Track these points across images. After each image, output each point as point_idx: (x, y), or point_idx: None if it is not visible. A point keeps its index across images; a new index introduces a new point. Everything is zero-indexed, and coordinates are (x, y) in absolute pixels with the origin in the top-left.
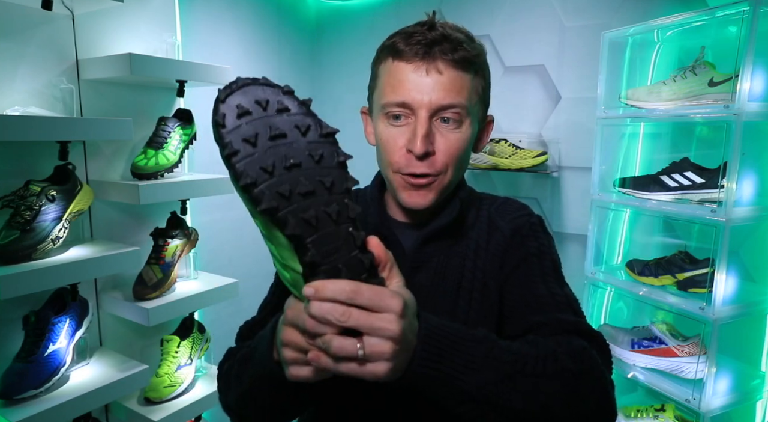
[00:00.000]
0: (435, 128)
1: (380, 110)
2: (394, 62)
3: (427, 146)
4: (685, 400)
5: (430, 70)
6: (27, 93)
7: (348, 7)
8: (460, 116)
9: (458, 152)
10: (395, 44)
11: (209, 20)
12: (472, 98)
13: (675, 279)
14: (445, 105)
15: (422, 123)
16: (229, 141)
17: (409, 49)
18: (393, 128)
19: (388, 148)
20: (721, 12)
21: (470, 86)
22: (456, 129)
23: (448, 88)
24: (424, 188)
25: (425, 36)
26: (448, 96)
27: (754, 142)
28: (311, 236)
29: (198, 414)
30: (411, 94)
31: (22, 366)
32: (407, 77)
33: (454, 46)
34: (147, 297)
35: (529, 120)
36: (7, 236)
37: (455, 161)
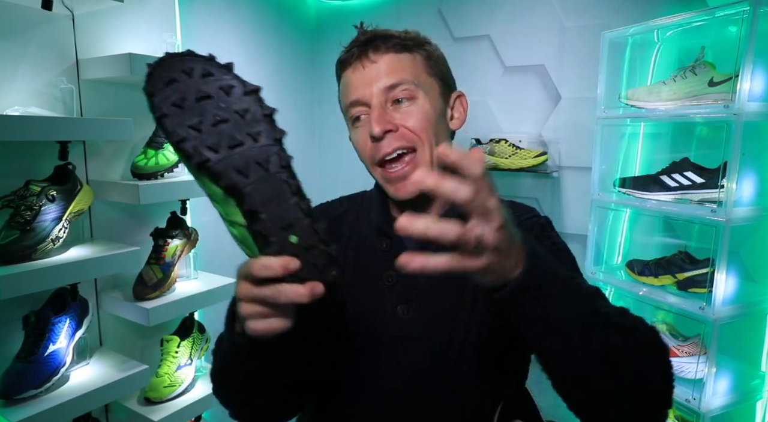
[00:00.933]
0: (392, 111)
1: (346, 119)
2: (343, 73)
3: (384, 125)
4: (685, 400)
5: (367, 64)
6: (27, 93)
7: (348, 7)
8: (410, 92)
9: (423, 123)
10: (339, 59)
11: (209, 20)
12: (419, 74)
13: (675, 279)
14: (389, 85)
15: (374, 108)
16: (158, 106)
17: (346, 55)
18: (359, 129)
19: (360, 148)
20: (721, 12)
21: (411, 64)
22: (411, 104)
23: (388, 71)
24: (407, 175)
25: (357, 40)
26: (390, 77)
27: (754, 142)
28: (246, 185)
29: (198, 414)
30: (358, 90)
31: (22, 366)
32: (350, 78)
33: (384, 38)
34: (147, 297)
35: (529, 120)
36: (7, 236)
37: (424, 132)
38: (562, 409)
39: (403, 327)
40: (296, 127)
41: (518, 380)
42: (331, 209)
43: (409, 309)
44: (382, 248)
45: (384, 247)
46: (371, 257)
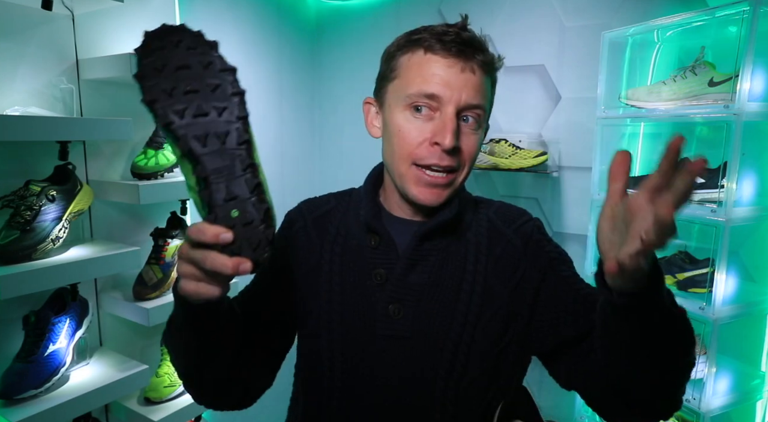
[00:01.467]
0: (459, 126)
1: (403, 100)
2: (427, 55)
3: (456, 142)
4: (685, 400)
5: (465, 69)
6: (27, 93)
7: (348, 7)
8: (480, 118)
9: (474, 153)
10: (426, 39)
11: (209, 20)
12: (489, 104)
13: (675, 279)
14: (473, 105)
15: (451, 118)
16: (142, 66)
17: (442, 45)
18: (415, 120)
19: (410, 139)
20: (721, 12)
21: (490, 91)
22: (476, 130)
23: (477, 88)
24: (440, 186)
25: (459, 35)
26: (476, 96)
27: (754, 142)
28: (202, 154)
29: (198, 414)
30: (442, 88)
31: (22, 366)
32: (441, 71)
33: (483, 49)
34: (147, 297)
35: (529, 120)
36: (7, 236)
37: (470, 161)
38: (562, 409)
39: (395, 325)
40: (296, 127)
41: (516, 379)
42: (318, 205)
43: (401, 308)
44: (371, 245)
45: (372, 244)
46: (359, 254)
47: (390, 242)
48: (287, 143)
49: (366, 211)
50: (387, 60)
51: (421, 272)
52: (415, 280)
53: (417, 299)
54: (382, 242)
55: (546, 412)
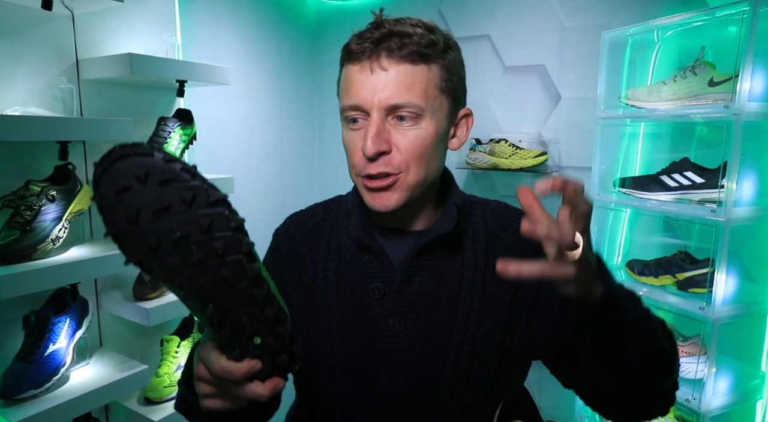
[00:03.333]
0: (391, 127)
1: (341, 116)
2: (346, 66)
3: (379, 146)
4: (685, 400)
5: (374, 69)
6: (27, 93)
7: (348, 7)
8: (415, 113)
9: (418, 150)
10: (347, 46)
11: (209, 20)
12: (430, 92)
13: (675, 279)
14: (394, 104)
15: (373, 123)
16: (110, 221)
17: (356, 48)
18: (352, 131)
19: (349, 152)
20: (721, 12)
21: (424, 80)
22: (412, 126)
23: (397, 85)
24: (385, 190)
25: (371, 34)
26: (397, 95)
27: (754, 142)
28: (212, 300)
29: None
30: (361, 96)
31: (22, 366)
32: (355, 79)
33: (401, 40)
34: (147, 297)
35: (529, 120)
36: (7, 236)
37: (416, 159)
38: (562, 409)
39: (396, 339)
40: (296, 127)
41: (517, 382)
42: (306, 219)
43: (401, 322)
44: (365, 259)
45: (366, 259)
46: (354, 268)
47: (384, 256)
48: (287, 143)
49: (355, 227)
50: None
51: (420, 284)
52: (414, 292)
53: (417, 310)
54: (376, 257)
55: (546, 412)
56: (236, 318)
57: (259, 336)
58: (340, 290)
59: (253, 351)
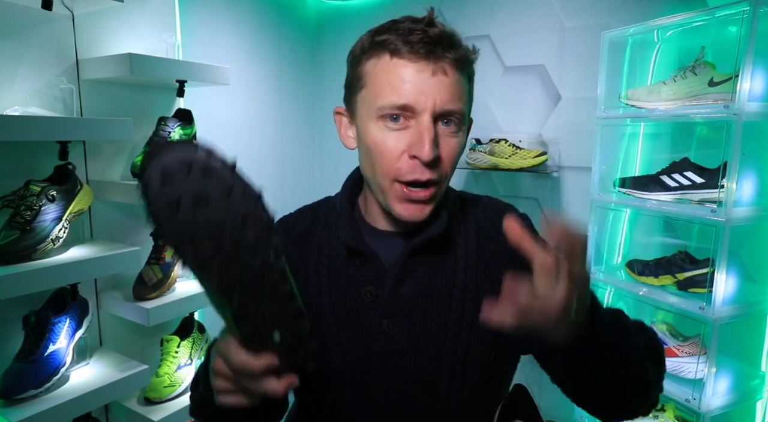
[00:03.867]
0: (438, 132)
1: (375, 112)
2: (393, 60)
3: (435, 152)
4: (685, 400)
5: (437, 71)
6: (27, 93)
7: (348, 7)
8: (460, 121)
9: (456, 158)
10: (391, 42)
11: (209, 20)
12: (468, 103)
13: (675, 279)
14: (448, 110)
15: (428, 127)
16: (153, 207)
17: (409, 47)
18: (391, 131)
19: (387, 153)
20: (721, 12)
21: (467, 90)
22: (456, 134)
23: (452, 91)
24: (423, 202)
25: (426, 33)
26: (452, 100)
27: (754, 142)
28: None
29: None
30: (415, 97)
31: (22, 366)
32: (411, 78)
33: (454, 44)
34: (147, 297)
35: (529, 120)
36: (7, 236)
37: (452, 168)
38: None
39: (390, 341)
40: (296, 127)
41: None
42: (294, 223)
43: (395, 323)
44: (356, 263)
45: (357, 263)
46: (345, 272)
47: (375, 260)
48: (287, 143)
49: (345, 232)
50: (353, 65)
51: (412, 285)
52: (407, 293)
53: (410, 312)
54: (368, 262)
55: (546, 412)
56: (259, 312)
57: (279, 332)
58: (333, 295)
59: (272, 347)
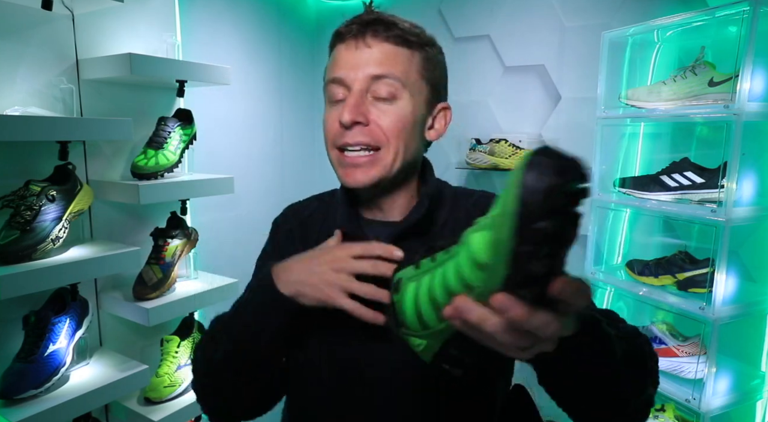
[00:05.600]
0: (369, 102)
1: (324, 94)
2: (334, 46)
3: (356, 116)
4: (685, 400)
5: (360, 45)
6: (27, 93)
7: (348, 7)
8: (394, 89)
9: (395, 126)
10: (336, 30)
11: (209, 20)
12: (411, 74)
13: (675, 279)
14: (376, 74)
15: (353, 94)
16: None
17: (345, 29)
18: (332, 108)
19: (327, 126)
20: (721, 12)
21: (406, 61)
22: (390, 102)
23: (379, 59)
24: (363, 166)
25: (360, 18)
26: (379, 67)
27: (754, 142)
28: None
29: (198, 415)
30: (343, 70)
31: (22, 366)
32: (341, 55)
33: (388, 25)
34: (147, 297)
35: (529, 120)
36: (7, 236)
37: (395, 137)
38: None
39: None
40: (296, 127)
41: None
42: (302, 209)
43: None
44: None
45: None
46: None
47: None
48: (287, 143)
49: (342, 217)
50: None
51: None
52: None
53: None
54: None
55: (546, 412)
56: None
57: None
58: None
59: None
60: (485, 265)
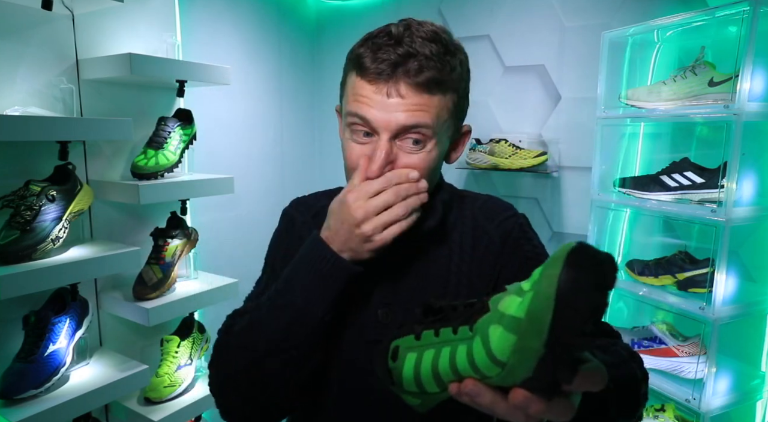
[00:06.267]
0: (397, 148)
1: (345, 117)
2: (358, 79)
3: (384, 168)
4: (685, 400)
5: (392, 93)
6: (27, 93)
7: (348, 7)
8: (424, 137)
9: (423, 169)
10: (360, 58)
11: (209, 20)
12: (441, 117)
13: (675, 279)
14: (408, 125)
15: (381, 146)
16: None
17: (373, 67)
18: (354, 143)
19: (348, 162)
20: (721, 12)
21: (438, 106)
22: (420, 149)
23: (411, 110)
24: None
25: (389, 54)
26: (411, 118)
27: (754, 142)
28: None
29: (198, 414)
30: (372, 113)
31: (22, 366)
32: (369, 96)
33: (420, 65)
34: (147, 297)
35: (529, 120)
36: (7, 236)
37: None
38: None
39: (385, 331)
40: (296, 127)
41: None
42: (313, 203)
43: (390, 313)
44: None
45: None
46: None
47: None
48: (287, 143)
49: None
50: (344, 69)
51: (409, 280)
52: (403, 285)
53: (406, 303)
54: None
55: None
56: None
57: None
58: None
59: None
60: (504, 364)
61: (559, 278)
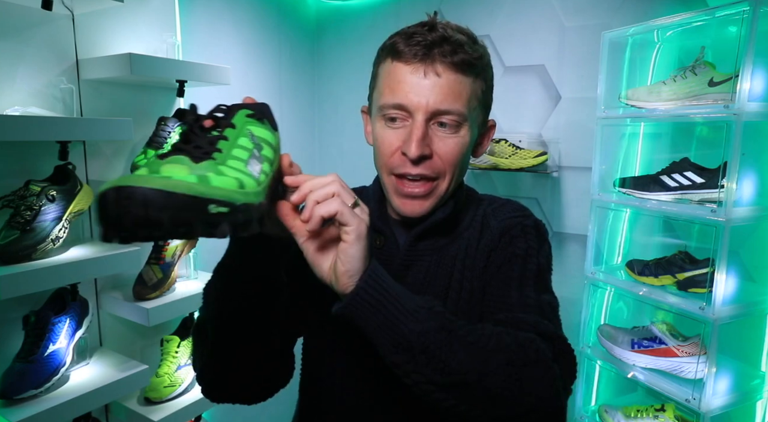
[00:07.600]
0: (432, 132)
1: (378, 111)
2: (393, 63)
3: (423, 149)
4: (685, 400)
5: (428, 73)
6: (27, 93)
7: (348, 7)
8: (457, 122)
9: (456, 157)
10: (395, 45)
11: (209, 20)
12: (472, 103)
13: (675, 279)
14: (443, 110)
15: (418, 126)
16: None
17: (408, 49)
18: (389, 129)
19: (383, 149)
20: (721, 12)
21: (470, 90)
22: (453, 134)
23: (446, 92)
24: (419, 197)
25: (425, 37)
26: (446, 100)
27: (754, 142)
28: None
29: (198, 414)
30: (408, 97)
31: (22, 366)
32: (405, 79)
33: (454, 48)
34: (147, 297)
35: (529, 120)
36: (7, 236)
37: (453, 167)
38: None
39: None
40: (296, 127)
41: None
42: None
43: None
44: (376, 245)
45: (377, 244)
46: None
47: (394, 243)
48: (287, 143)
49: (374, 213)
50: (373, 66)
51: (417, 272)
52: (411, 280)
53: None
54: (387, 243)
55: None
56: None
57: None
58: None
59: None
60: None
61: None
